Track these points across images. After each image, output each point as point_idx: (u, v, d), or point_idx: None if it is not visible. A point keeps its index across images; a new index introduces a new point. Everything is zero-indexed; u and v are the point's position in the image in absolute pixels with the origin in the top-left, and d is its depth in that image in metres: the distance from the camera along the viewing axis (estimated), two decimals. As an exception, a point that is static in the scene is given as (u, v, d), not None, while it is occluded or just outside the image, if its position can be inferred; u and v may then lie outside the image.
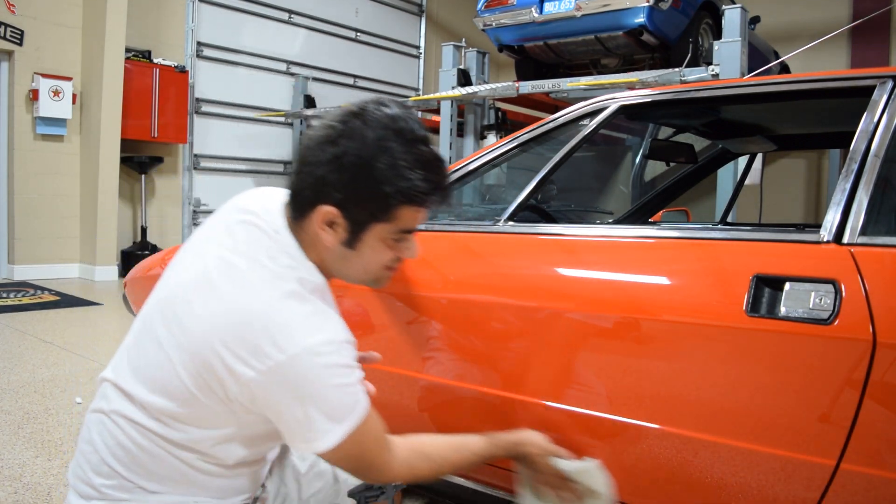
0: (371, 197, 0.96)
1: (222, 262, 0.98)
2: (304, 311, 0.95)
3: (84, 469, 1.03)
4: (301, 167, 0.99)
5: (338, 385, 0.95)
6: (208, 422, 0.99)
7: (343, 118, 0.97)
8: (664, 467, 1.23)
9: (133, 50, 6.32)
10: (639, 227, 1.40)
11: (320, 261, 1.02)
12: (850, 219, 1.14)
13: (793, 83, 1.46)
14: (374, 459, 1.03)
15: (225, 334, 0.93)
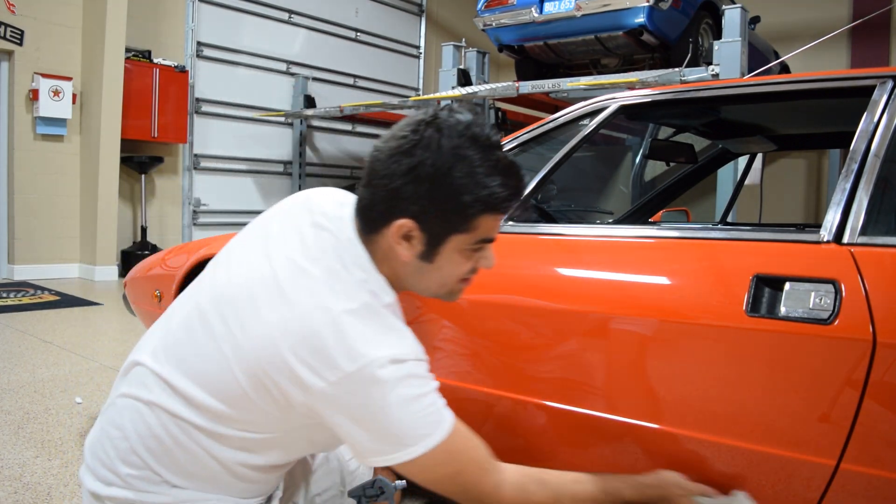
0: (450, 207, 0.93)
1: (293, 267, 0.94)
2: (378, 325, 0.91)
3: (109, 455, 1.00)
4: (372, 180, 0.95)
5: (414, 397, 0.90)
6: (256, 425, 0.96)
7: (415, 127, 0.93)
8: (664, 467, 1.23)
9: (133, 50, 6.32)
10: (639, 227, 1.40)
11: (391, 275, 0.99)
12: (850, 219, 1.14)
13: (793, 83, 1.46)
14: (477, 482, 0.97)
15: (295, 343, 0.89)
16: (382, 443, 0.91)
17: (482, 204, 0.93)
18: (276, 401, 0.92)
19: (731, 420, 1.15)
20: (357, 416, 0.90)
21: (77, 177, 6.22)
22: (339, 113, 6.84)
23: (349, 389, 0.88)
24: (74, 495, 1.89)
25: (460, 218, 0.94)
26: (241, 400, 0.94)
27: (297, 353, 0.89)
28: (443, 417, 0.94)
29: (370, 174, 0.96)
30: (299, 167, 7.76)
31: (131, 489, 0.98)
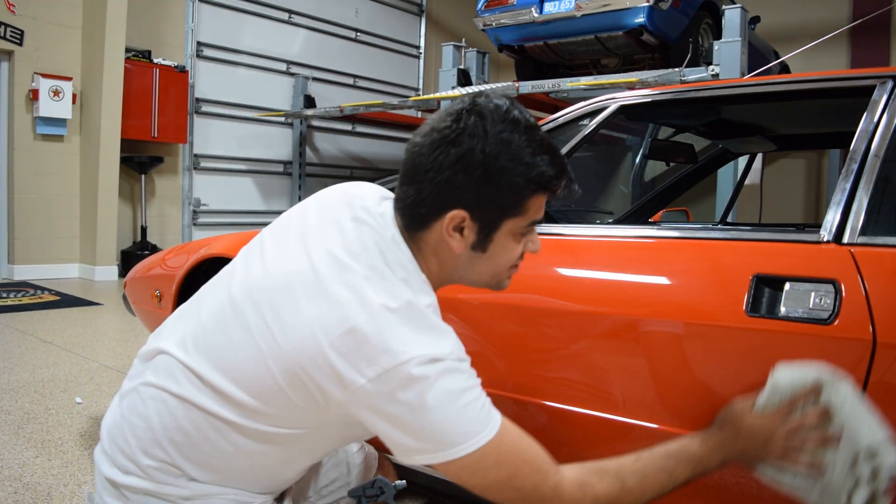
0: (502, 192, 0.92)
1: (334, 261, 0.92)
2: (419, 323, 0.89)
3: (130, 444, 0.98)
4: (416, 175, 0.93)
5: (456, 393, 0.87)
6: (290, 422, 0.94)
7: (456, 117, 0.92)
8: (664, 467, 1.23)
9: (133, 50, 6.32)
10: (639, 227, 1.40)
11: (437, 271, 0.98)
12: (850, 219, 1.15)
13: (793, 83, 1.46)
14: (535, 485, 0.91)
15: (335, 339, 0.86)
16: (425, 441, 0.88)
17: (534, 184, 0.93)
18: (313, 398, 0.90)
19: (731, 420, 1.15)
20: (397, 414, 0.87)
21: (77, 177, 6.22)
22: (339, 113, 6.84)
23: (388, 387, 0.86)
24: (74, 495, 1.89)
25: (513, 201, 0.93)
26: (277, 396, 0.91)
27: (336, 349, 0.86)
28: (490, 416, 0.91)
29: (413, 170, 0.94)
30: (299, 167, 7.76)
31: (150, 480, 0.97)
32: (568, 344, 1.35)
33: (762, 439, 1.01)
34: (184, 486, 0.97)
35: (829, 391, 0.98)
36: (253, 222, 7.49)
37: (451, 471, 0.90)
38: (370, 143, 8.77)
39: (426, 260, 0.97)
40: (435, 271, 0.98)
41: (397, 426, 0.88)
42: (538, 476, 0.91)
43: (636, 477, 0.96)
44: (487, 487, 0.91)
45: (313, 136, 8.11)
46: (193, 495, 0.98)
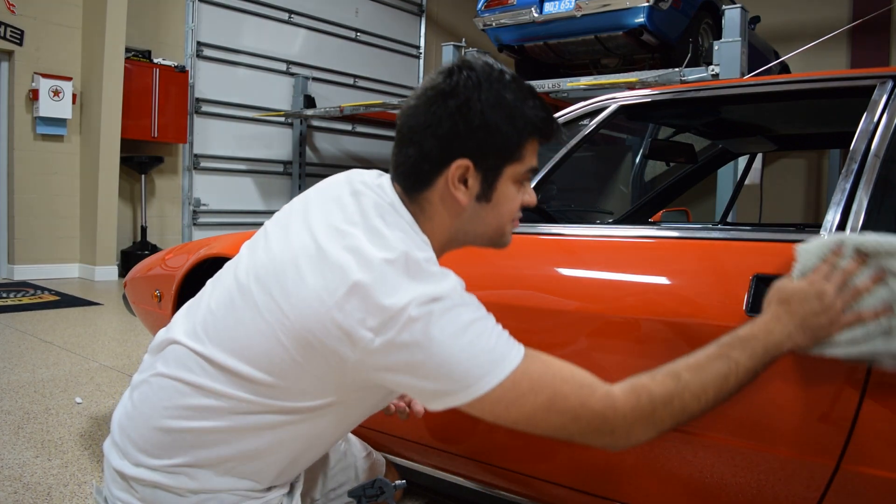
0: (502, 137, 0.94)
1: (334, 231, 0.93)
2: (418, 271, 0.88)
3: (143, 435, 0.98)
4: (414, 135, 0.95)
5: (466, 325, 0.86)
6: (308, 394, 0.93)
7: (448, 74, 0.95)
8: (664, 467, 1.23)
9: (133, 50, 6.32)
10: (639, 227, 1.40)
11: (442, 232, 0.99)
12: (850, 219, 1.14)
13: (793, 83, 1.46)
14: (582, 401, 0.87)
15: (340, 298, 0.86)
16: (448, 381, 0.85)
17: (531, 127, 0.96)
18: (327, 363, 0.89)
19: (732, 420, 1.15)
20: (411, 360, 0.85)
21: (77, 177, 6.22)
22: (339, 113, 6.84)
23: (394, 334, 0.85)
24: (74, 495, 1.89)
25: (512, 146, 0.95)
26: (292, 369, 0.91)
27: (341, 309, 0.86)
28: (510, 344, 0.88)
29: (411, 130, 0.95)
30: (299, 167, 7.76)
31: (160, 472, 0.96)
32: (568, 344, 1.35)
33: (815, 302, 0.94)
34: (193, 476, 0.96)
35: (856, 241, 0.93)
36: (253, 222, 7.48)
37: (487, 409, 0.87)
38: (370, 143, 8.77)
39: (430, 220, 0.98)
40: (439, 231, 0.99)
41: (416, 374, 0.86)
42: (583, 391, 0.88)
43: (691, 370, 0.91)
44: (532, 419, 0.88)
45: (313, 136, 8.11)
46: (202, 488, 0.96)
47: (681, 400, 0.89)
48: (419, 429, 1.62)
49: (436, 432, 1.58)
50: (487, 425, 1.45)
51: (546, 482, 1.40)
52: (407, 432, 1.64)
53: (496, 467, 1.48)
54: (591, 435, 0.89)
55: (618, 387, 0.89)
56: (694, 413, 0.90)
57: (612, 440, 0.89)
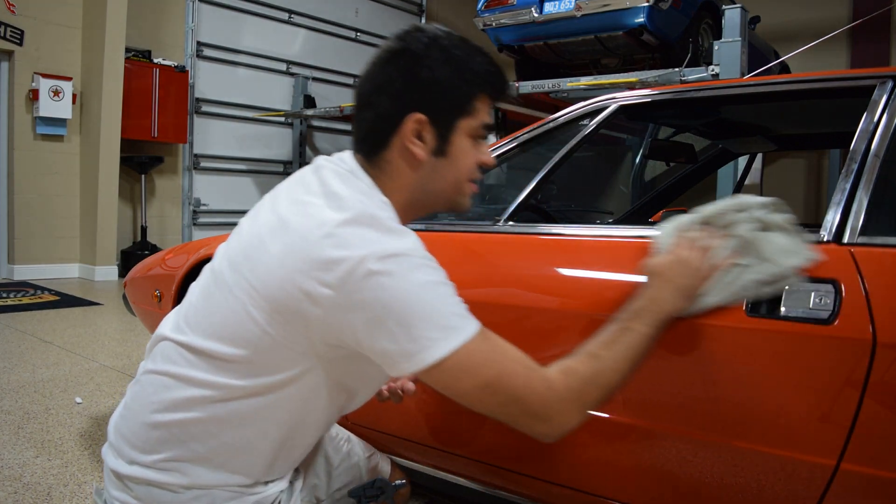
0: (454, 91, 0.97)
1: (296, 203, 0.95)
2: (377, 225, 0.89)
3: (135, 432, 0.99)
4: (371, 98, 0.98)
5: (428, 284, 0.87)
6: (282, 366, 0.93)
7: (399, 36, 0.99)
8: (664, 467, 1.23)
9: (133, 50, 6.32)
10: (639, 227, 1.40)
11: (402, 193, 1.00)
12: (850, 219, 1.14)
13: (793, 83, 1.46)
14: (526, 381, 0.89)
15: (299, 261, 0.88)
16: (407, 341, 0.85)
17: (481, 81, 0.99)
18: (295, 329, 0.90)
19: (732, 420, 1.15)
20: (371, 317, 0.86)
21: (77, 177, 6.22)
22: (339, 113, 6.84)
23: (354, 289, 0.85)
24: (74, 495, 1.89)
25: (464, 99, 0.98)
26: (263, 340, 0.92)
27: (301, 270, 0.88)
28: (467, 315, 0.89)
29: (366, 96, 0.99)
30: (299, 167, 7.69)
31: (153, 469, 0.97)
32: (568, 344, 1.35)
33: (680, 268, 1.07)
34: (185, 472, 0.97)
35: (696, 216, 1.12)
36: (253, 222, 7.46)
37: (442, 377, 0.88)
38: (370, 143, 8.76)
39: (392, 180, 0.99)
40: (401, 191, 1.00)
41: (375, 332, 0.86)
42: (528, 373, 0.91)
43: (605, 347, 0.97)
44: (482, 391, 0.89)
45: (313, 136, 8.11)
46: (194, 483, 0.97)
47: (604, 376, 0.94)
48: (419, 429, 1.62)
49: (436, 432, 1.58)
50: (488, 425, 1.45)
51: (546, 482, 1.40)
52: (407, 432, 1.64)
53: (496, 467, 1.48)
54: (530, 418, 0.91)
55: (551, 369, 0.93)
56: (614, 386, 0.95)
57: (548, 425, 0.91)
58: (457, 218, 1.69)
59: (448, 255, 1.57)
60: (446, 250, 1.57)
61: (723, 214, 1.10)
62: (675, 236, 1.11)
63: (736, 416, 1.15)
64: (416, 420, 1.62)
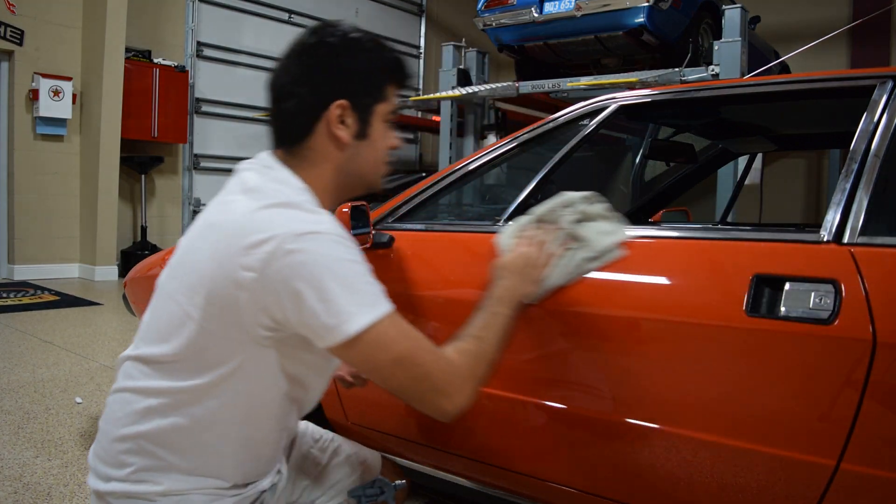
0: (370, 79, 1.05)
1: (219, 205, 1.02)
2: (295, 208, 0.95)
3: (106, 450, 1.02)
4: (291, 89, 1.03)
5: (344, 260, 0.93)
6: (221, 358, 0.97)
7: (311, 31, 1.06)
8: (664, 467, 1.23)
9: (133, 50, 6.32)
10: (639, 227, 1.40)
11: (326, 177, 1.05)
12: (850, 219, 1.14)
13: (793, 83, 1.46)
14: (432, 361, 0.96)
15: (223, 251, 0.94)
16: (327, 315, 0.90)
17: (390, 69, 1.08)
18: (230, 318, 0.94)
19: (732, 420, 1.15)
20: (293, 292, 0.90)
21: (77, 177, 6.22)
22: (339, 113, 6.82)
23: (275, 268, 0.90)
24: (74, 495, 1.89)
25: (379, 86, 1.06)
26: (202, 335, 0.96)
27: (227, 258, 0.93)
28: (382, 294, 0.95)
29: (286, 86, 1.03)
30: (299, 167, 7.76)
31: (128, 482, 1.00)
32: (567, 344, 1.35)
33: (523, 261, 1.22)
34: (158, 481, 1.00)
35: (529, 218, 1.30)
36: (253, 222, 7.47)
37: (360, 350, 0.92)
38: (370, 143, 8.76)
39: (315, 165, 1.05)
40: (325, 175, 1.05)
41: (298, 308, 0.91)
42: (434, 352, 0.98)
43: (483, 330, 1.08)
44: (395, 366, 0.94)
45: (313, 136, 8.10)
46: (170, 490, 1.00)
47: (488, 354, 1.05)
48: (419, 429, 1.62)
49: (436, 432, 1.59)
50: (488, 425, 1.45)
51: (546, 482, 1.40)
52: (407, 432, 1.64)
53: (496, 467, 1.48)
54: (436, 394, 0.97)
55: (448, 349, 1.01)
56: (495, 361, 1.07)
57: (450, 401, 0.98)
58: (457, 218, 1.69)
59: (448, 255, 1.57)
60: (447, 251, 1.58)
61: (552, 212, 1.28)
62: (516, 237, 1.28)
63: (736, 416, 1.15)
64: (416, 420, 1.62)
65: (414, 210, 1.68)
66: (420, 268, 1.55)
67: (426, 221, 1.66)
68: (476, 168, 1.69)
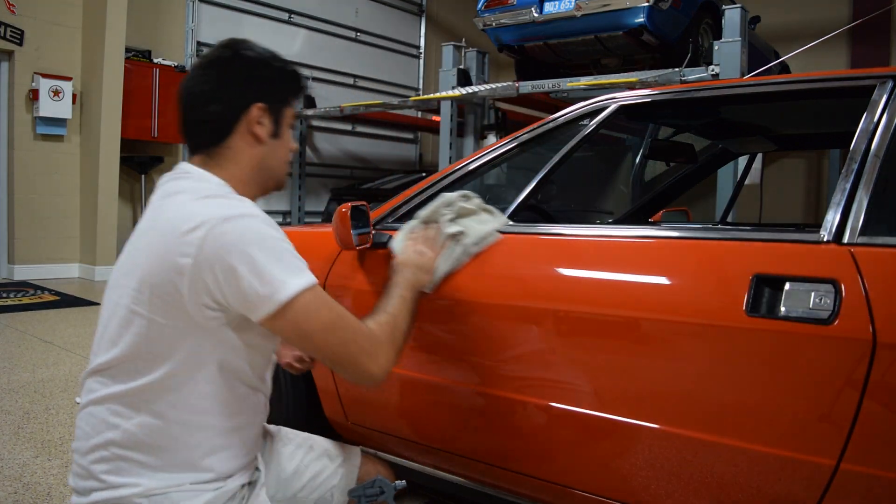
0: (279, 86, 1.18)
1: (150, 212, 1.11)
2: (222, 198, 1.06)
3: (80, 464, 1.06)
4: (213, 95, 1.11)
5: (270, 237, 1.02)
6: (172, 347, 1.02)
7: (223, 46, 1.16)
8: (664, 467, 1.23)
9: (133, 50, 6.32)
10: (639, 227, 1.40)
11: (244, 173, 1.14)
12: (850, 219, 1.14)
13: (793, 83, 1.46)
14: (357, 328, 1.08)
15: (161, 245, 1.02)
16: (259, 285, 0.99)
17: (293, 80, 1.21)
18: (176, 307, 1.00)
19: (732, 420, 1.15)
20: (226, 268, 0.99)
21: (77, 177, 6.22)
22: (339, 113, 6.84)
23: (209, 249, 0.99)
24: (74, 495, 1.89)
25: (285, 93, 1.19)
26: (150, 328, 1.02)
27: (166, 249, 1.01)
28: (307, 268, 1.04)
29: (205, 94, 1.12)
30: (299, 167, 7.76)
31: (108, 489, 1.03)
32: (568, 344, 1.35)
33: (417, 257, 1.39)
34: (136, 482, 1.03)
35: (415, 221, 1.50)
36: (253, 222, 7.46)
37: (293, 316, 1.01)
38: (370, 143, 8.76)
39: (234, 163, 1.14)
40: (242, 172, 1.14)
41: (233, 282, 0.99)
42: (357, 321, 1.10)
43: (393, 307, 1.22)
44: (326, 332, 1.04)
45: (313, 135, 8.11)
46: (149, 490, 1.03)
47: (400, 328, 1.19)
48: (419, 429, 1.62)
49: (436, 432, 1.59)
50: (486, 425, 1.45)
51: (546, 482, 1.40)
52: (407, 432, 1.64)
53: (496, 467, 1.48)
54: (364, 356, 1.08)
55: (367, 322, 1.13)
56: (407, 336, 1.22)
57: (376, 363, 1.09)
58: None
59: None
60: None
61: (435, 212, 1.47)
62: (406, 239, 1.45)
63: (736, 416, 1.15)
64: (416, 420, 1.62)
65: (414, 210, 1.68)
66: (420, 268, 1.55)
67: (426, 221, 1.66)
68: (476, 168, 1.69)
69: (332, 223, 1.50)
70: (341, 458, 1.34)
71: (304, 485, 1.28)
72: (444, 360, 1.51)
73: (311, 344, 1.06)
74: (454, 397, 1.50)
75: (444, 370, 1.50)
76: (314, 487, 1.29)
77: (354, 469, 1.34)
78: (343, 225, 1.45)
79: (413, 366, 1.54)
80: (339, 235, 1.48)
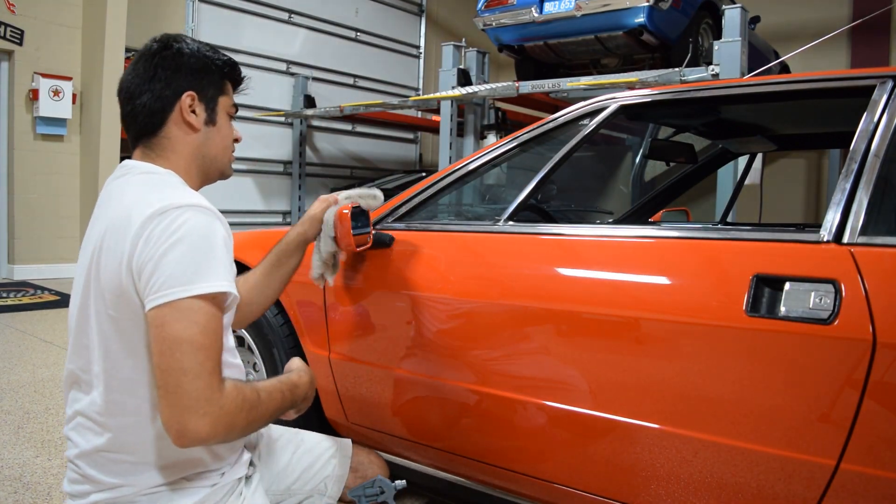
0: (211, 75, 1.19)
1: (99, 210, 1.12)
2: (168, 186, 1.08)
3: (74, 470, 1.10)
4: (145, 87, 1.14)
5: (205, 234, 1.02)
6: (136, 339, 1.03)
7: (156, 42, 1.18)
8: (664, 467, 1.23)
9: (133, 50, 6.30)
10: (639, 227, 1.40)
11: (184, 163, 1.17)
12: (850, 219, 1.14)
13: (793, 83, 1.46)
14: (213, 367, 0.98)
15: (113, 241, 1.03)
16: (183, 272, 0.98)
17: (226, 67, 1.22)
18: (129, 299, 1.01)
19: (731, 420, 1.15)
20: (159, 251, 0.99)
21: (77, 177, 6.22)
22: (339, 113, 6.84)
23: (150, 236, 0.99)
24: (74, 495, 1.89)
25: (219, 81, 1.21)
26: (116, 323, 1.03)
27: (118, 243, 1.02)
28: (228, 274, 1.03)
29: (138, 86, 1.14)
30: (299, 167, 7.76)
31: (105, 490, 1.06)
32: (568, 344, 1.35)
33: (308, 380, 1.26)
34: (131, 482, 1.05)
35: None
36: (253, 222, 7.48)
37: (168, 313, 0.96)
38: (370, 143, 8.77)
39: (173, 152, 1.16)
40: (182, 160, 1.17)
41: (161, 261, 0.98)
42: (214, 366, 0.98)
43: (266, 392, 1.10)
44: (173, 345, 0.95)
45: (313, 135, 8.11)
46: (143, 489, 1.05)
47: (255, 418, 1.04)
48: (419, 429, 1.62)
49: (436, 432, 1.59)
50: (487, 425, 1.45)
51: (546, 482, 1.40)
52: (407, 432, 1.64)
53: (496, 467, 1.48)
54: (188, 402, 0.94)
55: (228, 380, 1.02)
56: (258, 427, 1.09)
57: (196, 421, 0.94)
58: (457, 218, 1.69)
59: (448, 255, 1.57)
60: (447, 250, 1.58)
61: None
62: None
63: (736, 416, 1.15)
64: (416, 420, 1.62)
65: (414, 210, 1.68)
66: (420, 267, 1.55)
67: (426, 221, 1.66)
68: (476, 168, 1.69)
69: (333, 224, 1.50)
70: (333, 449, 1.37)
71: (297, 477, 1.31)
72: (444, 360, 1.51)
73: (156, 347, 0.97)
74: (454, 397, 1.50)
75: (445, 370, 1.50)
76: (307, 479, 1.31)
77: (347, 459, 1.37)
78: (343, 225, 1.45)
79: (413, 366, 1.54)
80: (339, 236, 1.48)
